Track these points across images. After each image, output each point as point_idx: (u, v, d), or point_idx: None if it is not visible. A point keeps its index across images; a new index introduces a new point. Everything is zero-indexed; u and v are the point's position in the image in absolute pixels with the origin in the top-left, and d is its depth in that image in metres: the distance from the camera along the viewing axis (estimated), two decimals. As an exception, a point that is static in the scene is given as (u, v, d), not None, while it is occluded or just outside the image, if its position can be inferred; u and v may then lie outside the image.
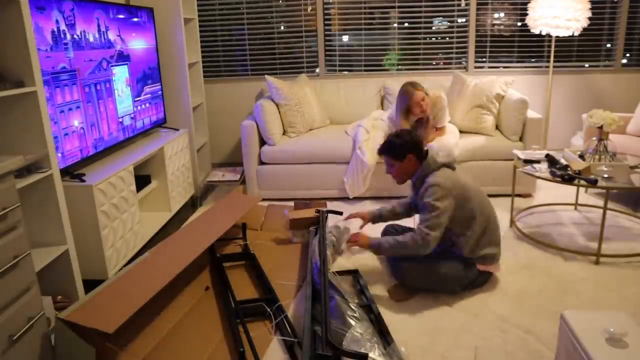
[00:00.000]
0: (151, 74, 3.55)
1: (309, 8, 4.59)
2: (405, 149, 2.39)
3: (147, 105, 3.48)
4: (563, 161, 2.93)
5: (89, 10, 2.69)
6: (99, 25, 2.79)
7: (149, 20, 3.50)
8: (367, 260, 2.78)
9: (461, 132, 3.82)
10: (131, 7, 3.23)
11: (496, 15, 4.56)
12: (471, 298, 2.38)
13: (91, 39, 2.71)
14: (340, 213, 3.03)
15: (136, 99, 3.30)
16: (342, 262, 2.79)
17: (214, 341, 2.08)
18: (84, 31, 2.65)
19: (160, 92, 3.70)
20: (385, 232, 2.80)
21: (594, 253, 2.72)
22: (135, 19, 3.26)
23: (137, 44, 3.31)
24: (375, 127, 3.78)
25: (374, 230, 3.20)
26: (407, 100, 3.55)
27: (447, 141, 3.56)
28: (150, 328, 2.08)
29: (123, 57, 3.10)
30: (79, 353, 1.72)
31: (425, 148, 2.45)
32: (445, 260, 2.36)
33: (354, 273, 2.64)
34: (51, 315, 2.04)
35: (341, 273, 2.66)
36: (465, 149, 3.63)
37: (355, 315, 2.04)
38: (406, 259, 2.39)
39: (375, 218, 2.75)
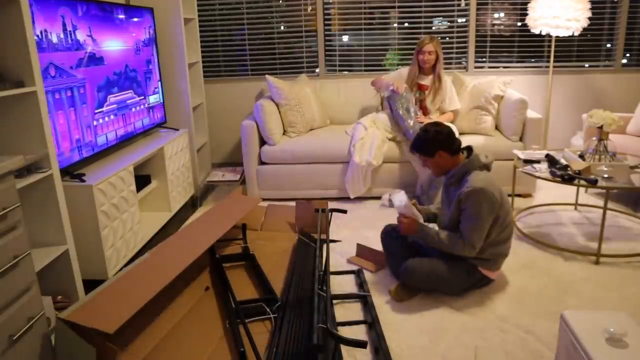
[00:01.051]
0: (124, 80, 3.12)
1: (309, 8, 4.59)
2: (434, 146, 2.33)
3: (112, 117, 2.98)
4: (563, 161, 2.93)
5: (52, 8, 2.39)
6: (64, 24, 2.51)
7: (128, 19, 3.15)
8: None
9: (461, 133, 3.82)
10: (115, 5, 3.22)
11: (496, 15, 4.56)
12: (471, 298, 2.38)
13: (55, 40, 2.44)
14: (345, 211, 3.03)
15: (97, 111, 2.82)
16: (343, 262, 2.79)
17: (214, 341, 2.08)
18: (45, 30, 2.36)
19: (144, 102, 3.42)
20: (385, 233, 2.80)
21: (594, 253, 2.72)
22: (109, 16, 2.91)
23: (110, 45, 2.96)
24: (375, 121, 3.77)
25: (373, 229, 3.20)
26: (418, 45, 3.75)
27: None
28: (150, 328, 2.08)
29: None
30: (79, 353, 1.71)
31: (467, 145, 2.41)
32: (449, 261, 2.35)
33: (355, 273, 2.65)
34: (51, 315, 2.04)
35: (342, 273, 2.66)
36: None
37: None
38: (408, 259, 2.38)
39: (423, 212, 2.67)
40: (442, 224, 2.46)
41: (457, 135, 3.59)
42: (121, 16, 3.07)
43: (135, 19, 3.29)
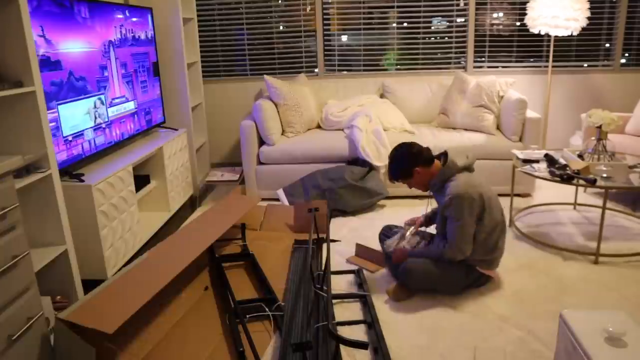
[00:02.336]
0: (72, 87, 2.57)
1: (308, 8, 4.59)
2: (407, 167, 2.36)
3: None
4: (562, 161, 2.94)
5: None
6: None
7: (91, 17, 2.76)
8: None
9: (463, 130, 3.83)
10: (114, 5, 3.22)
11: (495, 15, 4.56)
12: (471, 298, 2.38)
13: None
14: (345, 211, 3.04)
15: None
16: (342, 262, 2.79)
17: (213, 341, 2.08)
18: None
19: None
20: (383, 233, 2.80)
21: (593, 253, 2.72)
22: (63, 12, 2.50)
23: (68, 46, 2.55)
24: (369, 116, 3.80)
25: (372, 229, 3.21)
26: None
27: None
28: (150, 328, 2.08)
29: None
30: (78, 353, 1.71)
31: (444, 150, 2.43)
32: (448, 261, 2.36)
33: (354, 273, 2.65)
34: (50, 315, 2.04)
35: (342, 273, 2.66)
36: (465, 146, 3.64)
37: None
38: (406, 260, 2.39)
39: (429, 220, 2.72)
40: (437, 231, 2.50)
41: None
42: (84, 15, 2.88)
43: (135, 19, 3.29)
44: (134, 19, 3.28)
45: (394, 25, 4.62)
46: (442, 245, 2.34)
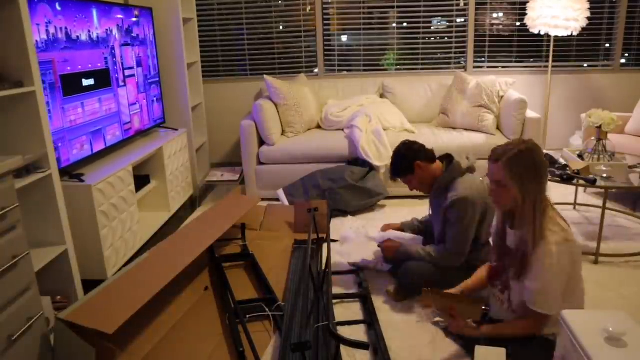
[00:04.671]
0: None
1: (308, 8, 4.59)
2: (409, 160, 2.34)
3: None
4: (562, 161, 2.94)
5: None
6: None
7: (92, 17, 2.75)
8: (368, 261, 2.78)
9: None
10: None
11: (495, 15, 4.56)
12: (470, 298, 2.38)
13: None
14: (345, 211, 3.04)
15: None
16: (342, 262, 2.78)
17: (213, 341, 2.08)
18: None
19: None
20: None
21: (593, 252, 2.72)
22: None
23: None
24: (369, 116, 3.81)
25: (372, 229, 3.19)
26: None
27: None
28: (149, 328, 2.08)
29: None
30: (78, 353, 1.71)
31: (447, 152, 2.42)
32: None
33: (354, 273, 2.65)
34: (50, 315, 2.04)
35: (342, 273, 2.66)
36: (464, 146, 3.64)
37: None
38: (409, 260, 2.38)
39: (406, 227, 2.73)
40: (435, 238, 2.47)
41: None
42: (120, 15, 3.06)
43: (134, 19, 3.29)
44: (134, 19, 3.28)
45: (394, 25, 4.62)
46: (441, 248, 2.31)
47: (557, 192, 3.78)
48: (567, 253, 1.70)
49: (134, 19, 3.28)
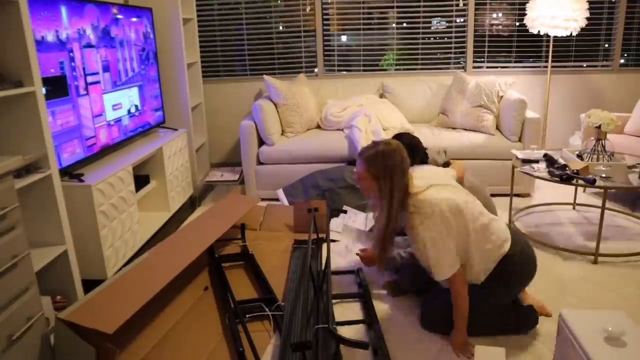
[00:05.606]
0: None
1: (308, 8, 4.59)
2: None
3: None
4: (561, 161, 2.94)
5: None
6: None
7: (91, 16, 2.65)
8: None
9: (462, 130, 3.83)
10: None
11: (494, 15, 4.57)
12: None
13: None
14: (345, 211, 3.04)
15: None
16: (343, 263, 2.79)
17: (213, 341, 2.08)
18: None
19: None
20: None
21: (592, 252, 2.73)
22: None
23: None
24: (369, 116, 3.81)
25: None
26: None
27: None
28: (149, 328, 2.08)
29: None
30: (78, 353, 1.71)
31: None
32: None
33: (354, 272, 2.65)
34: (50, 315, 2.04)
35: (342, 273, 2.66)
36: (464, 146, 3.64)
37: None
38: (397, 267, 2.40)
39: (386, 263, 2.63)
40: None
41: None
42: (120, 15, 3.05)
43: (134, 19, 3.29)
44: (134, 19, 3.28)
45: (394, 25, 4.62)
46: None
47: (556, 192, 3.79)
48: (438, 224, 1.85)
49: (115, 16, 3.22)
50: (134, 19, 3.28)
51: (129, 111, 3.18)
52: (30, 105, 2.05)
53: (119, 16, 3.07)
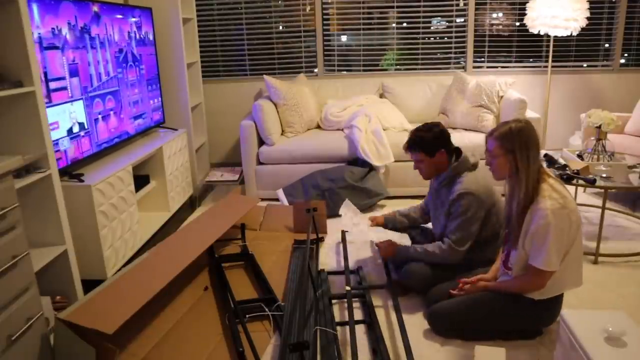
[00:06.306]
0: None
1: (308, 8, 4.59)
2: (438, 144, 2.29)
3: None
4: (561, 161, 2.94)
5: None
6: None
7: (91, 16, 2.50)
8: (367, 261, 2.79)
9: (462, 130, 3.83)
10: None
11: (494, 15, 4.57)
12: (470, 298, 2.38)
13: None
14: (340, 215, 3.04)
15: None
16: (341, 262, 2.79)
17: (213, 341, 2.08)
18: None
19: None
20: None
21: (593, 253, 2.72)
22: None
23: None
24: (369, 116, 3.81)
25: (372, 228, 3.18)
26: None
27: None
28: (149, 328, 2.08)
29: None
30: (78, 353, 1.71)
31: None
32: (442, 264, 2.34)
33: (354, 272, 2.64)
34: (50, 315, 2.04)
35: (342, 273, 2.66)
36: (464, 146, 3.62)
37: None
38: (409, 260, 2.38)
39: (388, 222, 2.69)
40: (435, 231, 2.45)
41: None
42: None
43: (134, 19, 3.28)
44: (134, 19, 3.28)
45: (394, 25, 4.62)
46: (440, 244, 2.28)
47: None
48: (564, 217, 1.84)
49: (134, 19, 3.25)
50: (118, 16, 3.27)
51: (69, 131, 2.54)
52: (30, 105, 2.05)
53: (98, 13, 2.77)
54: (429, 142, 2.30)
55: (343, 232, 2.90)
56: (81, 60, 2.64)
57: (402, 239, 2.73)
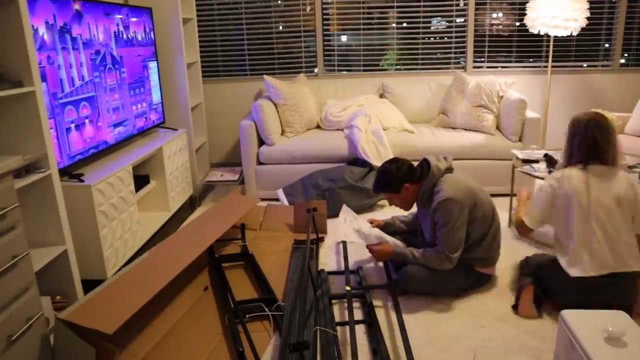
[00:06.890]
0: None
1: (308, 8, 4.59)
2: (398, 181, 2.36)
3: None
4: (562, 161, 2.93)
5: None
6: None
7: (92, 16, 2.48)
8: (368, 261, 2.79)
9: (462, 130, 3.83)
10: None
11: (494, 15, 4.56)
12: (471, 298, 2.38)
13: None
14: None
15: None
16: (341, 262, 2.79)
17: (213, 341, 2.08)
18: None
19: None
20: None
21: (593, 252, 2.72)
22: None
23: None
24: (369, 116, 3.81)
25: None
26: None
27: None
28: (149, 328, 2.08)
29: None
30: (78, 353, 1.71)
31: (424, 157, 2.42)
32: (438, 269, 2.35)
33: (354, 272, 2.65)
34: (50, 315, 2.04)
35: (342, 273, 2.66)
36: (464, 146, 3.64)
37: None
38: (403, 263, 2.39)
39: (387, 227, 2.73)
40: (425, 242, 2.47)
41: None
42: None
43: (134, 19, 3.28)
44: (134, 19, 3.28)
45: (394, 25, 4.62)
46: (432, 250, 2.30)
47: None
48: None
49: (134, 19, 3.25)
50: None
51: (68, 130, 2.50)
52: (30, 105, 2.05)
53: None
54: (389, 183, 2.37)
55: (344, 242, 2.90)
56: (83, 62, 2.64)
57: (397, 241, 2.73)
